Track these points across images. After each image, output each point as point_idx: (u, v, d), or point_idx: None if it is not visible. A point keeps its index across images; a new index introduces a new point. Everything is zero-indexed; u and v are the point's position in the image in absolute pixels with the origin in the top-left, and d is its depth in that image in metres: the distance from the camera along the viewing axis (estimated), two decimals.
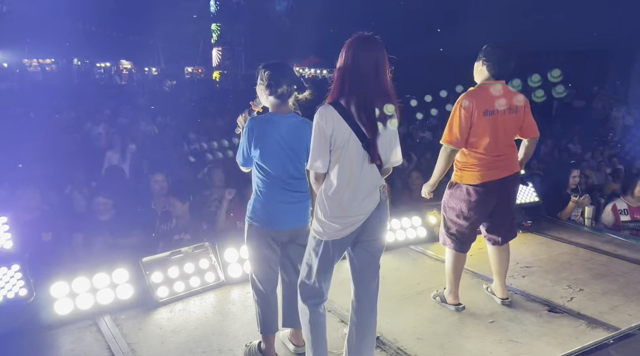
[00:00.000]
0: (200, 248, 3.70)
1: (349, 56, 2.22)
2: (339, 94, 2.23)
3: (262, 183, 2.55)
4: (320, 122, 2.21)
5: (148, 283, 3.40)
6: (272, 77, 2.50)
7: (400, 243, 4.38)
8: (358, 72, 2.20)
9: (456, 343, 2.94)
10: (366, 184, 2.28)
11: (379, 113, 2.22)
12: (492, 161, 3.05)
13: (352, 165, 2.24)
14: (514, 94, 3.08)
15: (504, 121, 3.02)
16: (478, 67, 3.10)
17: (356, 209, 2.28)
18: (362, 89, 2.20)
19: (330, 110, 2.21)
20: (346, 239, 2.33)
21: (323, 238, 2.33)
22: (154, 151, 7.26)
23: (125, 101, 14.30)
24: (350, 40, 2.25)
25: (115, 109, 11.61)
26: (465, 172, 3.10)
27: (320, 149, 2.23)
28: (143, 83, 23.87)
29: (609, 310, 3.27)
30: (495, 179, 3.06)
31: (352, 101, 2.21)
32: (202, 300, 3.50)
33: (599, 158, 8.39)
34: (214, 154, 7.21)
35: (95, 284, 3.29)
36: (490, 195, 3.08)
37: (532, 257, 4.21)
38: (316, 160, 2.24)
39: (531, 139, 3.22)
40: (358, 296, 2.44)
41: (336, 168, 2.25)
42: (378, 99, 2.22)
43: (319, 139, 2.22)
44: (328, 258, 2.36)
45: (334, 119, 2.20)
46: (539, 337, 2.96)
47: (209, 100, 15.24)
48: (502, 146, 3.05)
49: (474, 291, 3.55)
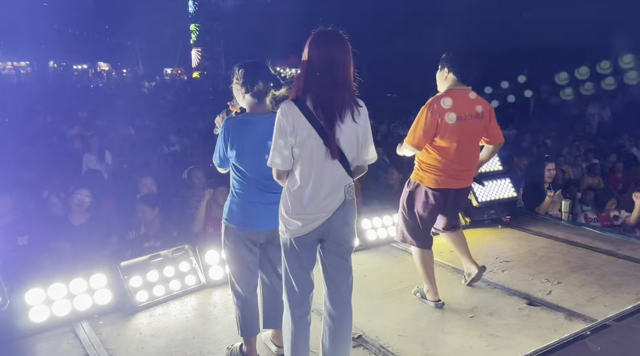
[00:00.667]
0: (180, 251, 3.66)
1: (313, 52, 2.20)
2: (299, 89, 2.23)
3: (239, 184, 2.54)
4: (281, 119, 2.20)
5: (127, 287, 3.35)
6: (246, 76, 2.49)
7: (382, 241, 4.39)
8: (316, 67, 2.19)
9: (438, 338, 2.96)
10: (328, 181, 2.25)
11: (340, 108, 2.21)
12: (453, 170, 3.10)
13: (313, 162, 2.22)
14: (480, 100, 3.13)
15: (470, 126, 3.06)
16: (443, 76, 3.12)
17: (316, 206, 2.25)
18: (320, 83, 2.18)
19: (291, 106, 2.20)
20: (309, 237, 2.29)
21: (286, 236, 2.32)
22: (133, 153, 7.17)
23: (103, 103, 14.11)
24: (313, 36, 2.23)
25: (93, 112, 11.45)
26: (426, 174, 3.14)
27: (280, 146, 2.21)
28: (121, 85, 23.57)
29: (586, 302, 3.32)
30: (452, 188, 3.15)
31: (312, 96, 2.19)
32: (182, 303, 3.46)
33: (575, 153, 8.53)
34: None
35: (72, 290, 3.22)
36: (444, 200, 3.19)
37: (511, 252, 4.26)
38: (276, 157, 2.23)
39: (496, 146, 3.29)
40: (330, 297, 2.40)
41: (298, 165, 2.24)
42: (337, 94, 2.20)
43: (280, 135, 2.20)
44: (296, 257, 2.33)
45: (294, 115, 2.18)
46: (519, 330, 3.00)
47: (189, 101, 15.12)
48: (466, 153, 3.11)
49: (454, 287, 3.58)
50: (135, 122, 10.06)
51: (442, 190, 3.13)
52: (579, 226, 4.85)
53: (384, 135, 10.08)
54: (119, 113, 10.78)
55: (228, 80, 2.63)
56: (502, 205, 5.00)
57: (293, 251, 2.33)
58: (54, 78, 25.82)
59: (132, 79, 26.92)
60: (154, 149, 7.65)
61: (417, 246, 3.27)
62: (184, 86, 23.03)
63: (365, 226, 4.36)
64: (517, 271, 3.85)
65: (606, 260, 4.01)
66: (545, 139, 9.81)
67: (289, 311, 2.39)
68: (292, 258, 2.34)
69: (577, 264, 3.95)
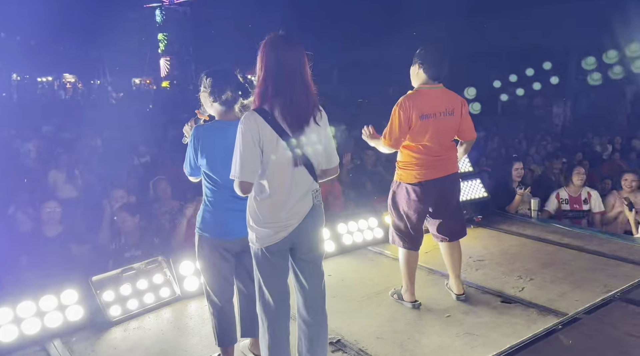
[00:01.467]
0: (154, 263, 3.59)
1: (269, 59, 2.17)
2: (262, 99, 2.19)
3: (211, 192, 2.52)
4: (245, 130, 2.15)
5: (99, 302, 3.27)
6: (214, 84, 2.47)
7: (358, 245, 4.41)
8: (281, 73, 2.15)
9: (415, 339, 2.98)
10: (297, 187, 2.25)
11: (305, 112, 2.20)
12: (430, 161, 3.12)
13: (282, 169, 2.21)
14: (451, 97, 3.15)
15: (441, 123, 3.09)
16: (415, 71, 3.16)
17: (288, 213, 2.24)
18: (286, 90, 2.16)
19: (255, 116, 2.16)
20: (282, 244, 2.27)
21: (257, 245, 2.29)
22: (103, 165, 7.02)
23: (70, 115, 13.80)
24: (267, 41, 2.20)
25: (59, 125, 11.18)
26: (405, 172, 3.17)
27: (245, 157, 2.16)
28: (88, 96, 23.11)
29: (557, 297, 3.40)
30: (432, 179, 3.14)
31: (277, 103, 2.17)
32: (157, 316, 3.40)
33: (543, 152, 8.76)
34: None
35: (42, 307, 3.13)
36: (427, 194, 3.16)
37: (484, 250, 4.33)
38: (240, 169, 2.17)
39: (469, 141, 3.32)
40: (305, 305, 2.38)
41: (266, 174, 2.21)
42: (303, 99, 2.19)
43: (245, 146, 2.15)
44: (270, 266, 2.30)
45: (259, 125, 2.15)
46: (494, 328, 3.05)
47: (159, 110, 14.94)
48: (440, 148, 3.14)
49: (430, 288, 3.62)
50: (103, 134, 9.87)
51: (422, 183, 3.12)
52: (548, 223, 4.97)
53: (357, 140, 10.14)
54: (87, 125, 10.57)
55: (198, 88, 2.61)
56: (473, 205, 5.10)
57: (266, 260, 2.29)
58: (17, 91, 25.12)
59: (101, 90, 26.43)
60: (123, 160, 7.51)
61: (404, 248, 3.28)
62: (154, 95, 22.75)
63: (341, 230, 4.38)
64: (490, 270, 3.92)
65: (575, 256, 4.12)
66: (514, 140, 10.05)
67: (265, 324, 2.34)
68: (266, 267, 2.30)
69: (547, 260, 4.05)
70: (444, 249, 3.39)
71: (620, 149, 9.08)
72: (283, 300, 2.36)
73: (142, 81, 32.54)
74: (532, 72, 13.70)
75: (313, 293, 2.38)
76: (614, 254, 4.07)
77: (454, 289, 3.45)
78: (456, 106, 3.15)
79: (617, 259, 3.98)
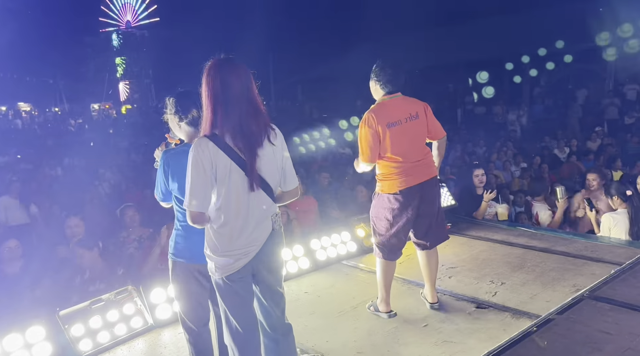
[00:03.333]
0: (124, 293, 3.48)
1: (215, 84, 2.11)
2: (212, 125, 2.13)
3: (183, 216, 2.46)
4: (197, 157, 2.08)
5: (68, 337, 3.14)
6: (178, 103, 2.46)
7: (332, 260, 4.40)
8: (227, 97, 2.11)
9: (395, 351, 2.98)
10: (254, 213, 2.19)
11: (257, 135, 2.16)
12: (409, 168, 3.17)
13: (238, 195, 2.15)
14: (411, 102, 3.25)
15: (409, 128, 3.16)
16: (373, 86, 3.25)
17: (246, 239, 2.19)
18: (236, 114, 2.11)
19: (206, 142, 2.10)
20: (243, 271, 2.22)
21: (218, 275, 2.23)
22: (63, 194, 6.81)
23: (27, 145, 13.37)
24: (210, 66, 2.15)
25: (17, 155, 10.82)
26: (386, 182, 3.21)
27: (198, 186, 2.09)
28: (45, 125, 22.45)
29: (529, 299, 3.48)
30: (414, 185, 3.18)
31: (227, 128, 2.12)
32: (130, 347, 3.29)
33: (504, 158, 9.01)
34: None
35: (6, 347, 2.97)
36: (410, 201, 3.18)
37: (455, 258, 4.40)
38: (194, 198, 2.09)
39: (440, 140, 3.39)
40: (270, 325, 2.36)
41: (221, 201, 2.14)
42: (253, 122, 2.15)
43: (197, 175, 2.09)
44: (234, 293, 2.24)
45: (211, 151, 2.09)
46: (470, 334, 3.08)
47: (120, 136, 14.65)
48: (414, 152, 3.20)
49: (405, 298, 3.64)
50: (64, 162, 9.60)
51: (403, 191, 3.15)
52: (515, 227, 5.09)
53: (324, 154, 10.20)
54: (46, 154, 10.26)
55: (159, 111, 2.58)
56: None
57: (228, 289, 2.23)
58: None
59: (57, 117, 25.72)
60: (85, 188, 7.31)
61: (383, 258, 3.29)
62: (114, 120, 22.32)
63: (315, 246, 4.36)
64: (463, 276, 3.98)
65: (543, 257, 4.23)
66: (474, 148, 10.31)
67: (235, 354, 2.29)
68: (230, 296, 2.25)
69: (517, 263, 4.14)
70: (422, 257, 3.42)
71: (577, 151, 9.44)
72: (251, 327, 2.32)
73: (101, 106, 31.88)
74: (487, 78, 14.19)
75: (276, 313, 2.36)
76: (580, 254, 4.20)
77: (428, 298, 3.48)
78: (419, 110, 3.23)
79: (583, 259, 4.10)
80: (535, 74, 15.65)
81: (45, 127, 21.30)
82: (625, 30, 12.08)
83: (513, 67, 14.38)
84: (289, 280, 4.05)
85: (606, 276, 3.61)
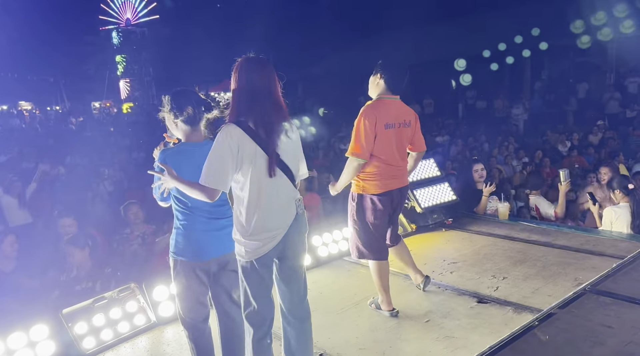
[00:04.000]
0: (126, 291, 3.49)
1: (242, 78, 2.29)
2: (237, 113, 2.28)
3: (182, 215, 2.48)
4: (226, 140, 2.22)
5: (71, 335, 3.16)
6: (174, 101, 2.48)
7: (334, 256, 4.41)
8: (253, 91, 2.27)
9: (397, 347, 2.99)
10: (280, 198, 2.33)
11: (279, 127, 2.31)
12: (391, 171, 3.20)
13: (262, 180, 2.28)
14: (407, 109, 3.27)
15: (400, 134, 3.19)
16: (375, 81, 3.23)
17: (273, 223, 2.32)
18: (259, 107, 2.27)
19: (234, 127, 2.24)
20: (269, 255, 2.35)
21: (247, 258, 2.33)
22: (65, 193, 6.83)
23: (29, 144, 13.38)
24: (240, 63, 2.32)
25: (19, 153, 10.83)
26: (368, 183, 3.20)
27: (218, 164, 2.22)
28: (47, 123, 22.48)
29: (531, 294, 3.48)
30: (395, 189, 3.23)
31: (251, 117, 2.27)
32: (133, 345, 3.30)
33: (505, 153, 8.99)
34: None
35: (10, 345, 2.99)
36: (390, 203, 3.24)
37: (456, 253, 4.40)
38: (211, 175, 2.21)
39: (419, 153, 3.43)
40: (291, 308, 2.48)
41: (247, 185, 2.27)
42: (274, 114, 2.30)
43: (220, 155, 2.21)
44: (259, 278, 2.36)
45: (239, 135, 2.23)
46: (472, 329, 3.09)
47: (121, 134, 14.67)
48: (399, 158, 3.23)
49: (407, 294, 3.65)
50: (66, 160, 9.61)
51: (386, 193, 3.18)
52: (517, 222, 5.09)
53: (325, 151, 10.20)
54: (47, 153, 10.27)
55: (159, 109, 2.59)
56: (443, 209, 5.17)
57: (255, 272, 2.34)
58: None
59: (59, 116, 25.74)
60: (88, 186, 7.32)
61: (374, 259, 3.30)
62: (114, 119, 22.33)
63: (316, 242, 4.37)
64: (464, 271, 3.98)
65: (545, 252, 4.23)
66: (475, 143, 10.28)
67: (250, 335, 2.41)
68: (255, 279, 2.36)
69: (518, 258, 4.14)
70: (396, 252, 3.49)
71: (578, 145, 9.42)
72: (270, 309, 2.43)
73: (102, 104, 31.89)
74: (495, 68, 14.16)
75: (296, 298, 2.48)
76: (581, 248, 4.20)
77: (418, 281, 3.56)
78: (412, 118, 3.27)
79: (585, 253, 4.11)
80: (536, 67, 15.62)
81: (47, 126, 21.34)
82: (626, 26, 12.03)
83: (514, 61, 14.28)
84: None
85: (608, 270, 3.62)
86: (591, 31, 12.62)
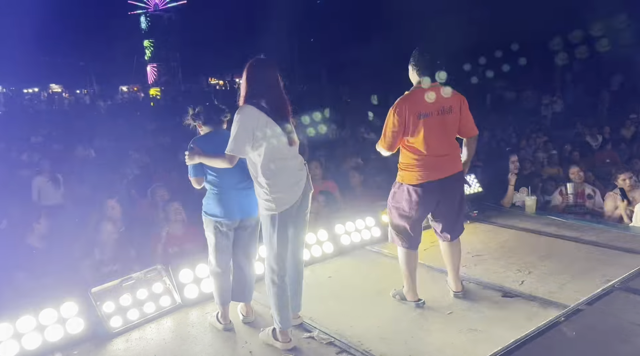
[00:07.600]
0: (153, 272, 3.56)
1: (254, 73, 2.78)
2: (250, 97, 2.75)
3: (213, 179, 2.99)
4: (242, 117, 2.71)
5: (99, 314, 3.24)
6: (196, 116, 3.11)
7: (357, 245, 4.41)
8: (264, 83, 2.77)
9: (419, 338, 2.98)
10: (294, 161, 2.86)
11: (283, 112, 2.79)
12: (431, 162, 3.11)
13: (279, 149, 2.77)
14: (447, 94, 3.14)
15: (439, 122, 3.09)
16: (410, 70, 3.19)
17: (293, 178, 2.82)
18: (265, 92, 2.76)
19: (251, 107, 2.72)
20: (293, 207, 2.81)
21: (276, 212, 2.77)
22: (94, 175, 6.96)
23: (58, 126, 13.68)
24: (251, 62, 2.81)
25: (48, 136, 11.09)
26: (406, 173, 3.17)
27: (239, 137, 2.69)
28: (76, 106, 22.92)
29: (557, 289, 3.42)
30: (434, 180, 3.12)
31: (262, 100, 2.74)
32: (159, 325, 3.37)
33: (533, 145, 8.80)
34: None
35: (42, 321, 3.09)
36: (430, 195, 3.16)
37: (481, 245, 4.35)
38: (235, 145, 2.71)
39: (471, 138, 3.32)
40: (296, 255, 3.00)
41: (267, 155, 2.73)
42: (279, 101, 2.80)
43: (240, 129, 2.69)
44: (283, 229, 2.83)
45: (255, 113, 2.71)
46: (496, 323, 3.06)
47: (148, 118, 14.86)
48: (441, 146, 3.12)
49: (430, 285, 3.62)
50: (95, 143, 9.80)
51: (424, 185, 3.12)
52: (544, 216, 5.00)
53: (345, 140, 10.15)
54: (76, 135, 10.48)
55: (187, 94, 2.84)
56: (469, 201, 5.09)
57: (282, 223, 2.80)
58: (4, 103, 24.85)
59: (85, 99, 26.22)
60: (116, 169, 7.46)
61: (403, 247, 3.28)
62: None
63: (339, 231, 4.37)
64: (489, 265, 3.94)
65: (573, 247, 4.15)
66: (504, 134, 10.09)
67: (271, 275, 2.88)
68: (280, 229, 2.81)
69: (545, 253, 4.07)
70: (444, 248, 3.40)
71: (610, 138, 9.15)
72: (285, 253, 2.89)
73: (130, 89, 32.34)
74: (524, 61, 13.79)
75: (302, 247, 3.06)
76: (611, 244, 4.11)
77: (452, 286, 3.46)
78: (454, 104, 3.14)
79: (614, 249, 4.02)
80: (568, 58, 15.18)
81: (76, 108, 21.76)
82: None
83: (545, 51, 13.94)
84: (313, 264, 4.08)
85: (638, 267, 3.53)
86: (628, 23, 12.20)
